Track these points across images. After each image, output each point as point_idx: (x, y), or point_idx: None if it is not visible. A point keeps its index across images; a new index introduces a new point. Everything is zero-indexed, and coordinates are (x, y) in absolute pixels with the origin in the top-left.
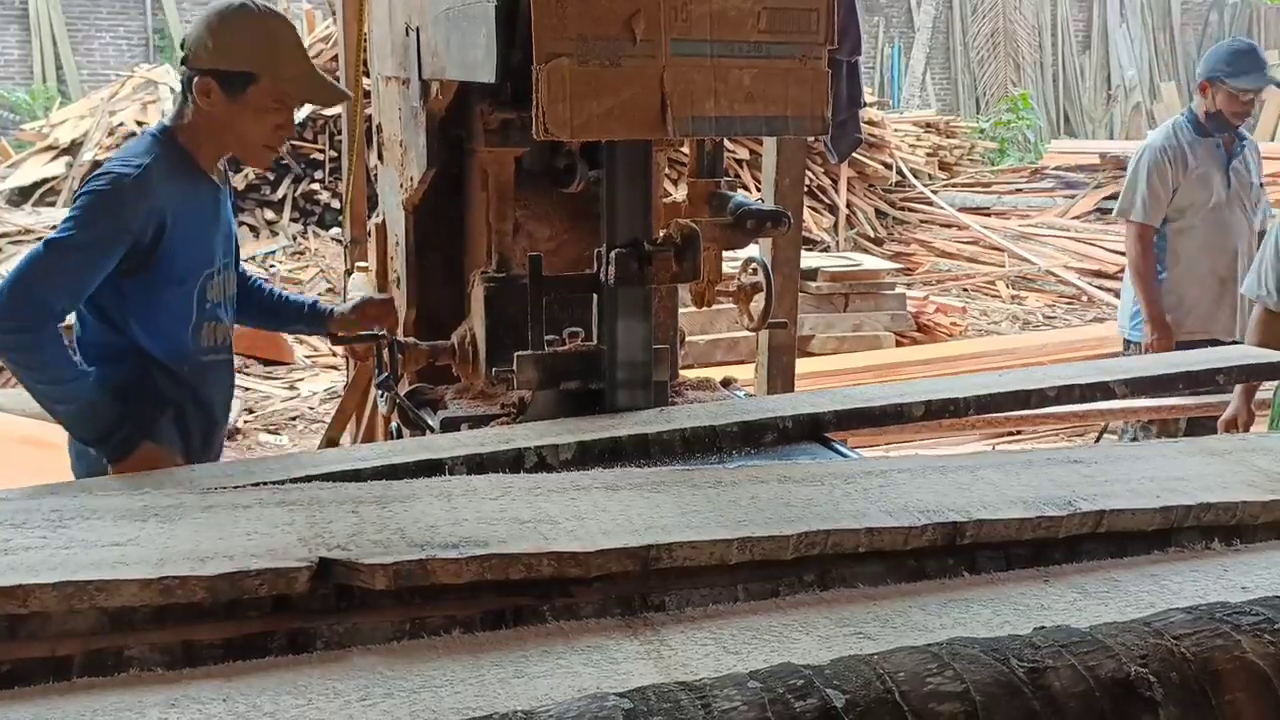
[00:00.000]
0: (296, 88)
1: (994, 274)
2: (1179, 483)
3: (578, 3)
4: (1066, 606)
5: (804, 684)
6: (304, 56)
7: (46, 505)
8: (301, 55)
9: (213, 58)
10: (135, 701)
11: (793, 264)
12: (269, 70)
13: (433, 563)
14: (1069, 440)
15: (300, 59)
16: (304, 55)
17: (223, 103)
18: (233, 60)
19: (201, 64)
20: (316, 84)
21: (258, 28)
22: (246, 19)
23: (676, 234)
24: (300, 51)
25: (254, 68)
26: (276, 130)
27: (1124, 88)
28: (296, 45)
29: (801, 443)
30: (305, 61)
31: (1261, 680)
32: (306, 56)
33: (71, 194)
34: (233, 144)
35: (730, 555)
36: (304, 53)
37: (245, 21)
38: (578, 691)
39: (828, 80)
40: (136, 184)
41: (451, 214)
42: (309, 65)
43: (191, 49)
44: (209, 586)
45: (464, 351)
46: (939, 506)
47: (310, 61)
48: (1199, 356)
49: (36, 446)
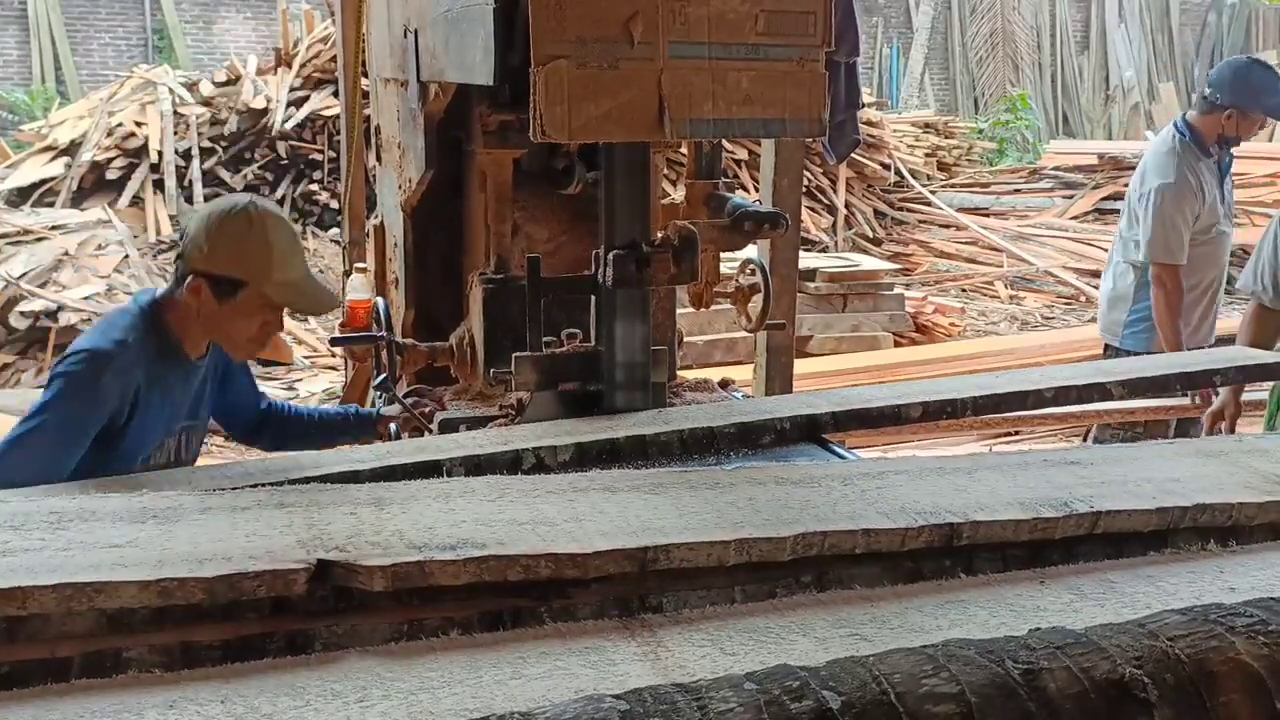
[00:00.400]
0: (286, 295)
1: (992, 274)
2: (1175, 484)
3: (576, 5)
4: (1063, 608)
5: (800, 686)
6: (299, 262)
7: (45, 507)
8: (296, 261)
9: (206, 260)
10: (134, 703)
11: (791, 265)
12: (260, 277)
13: (431, 564)
14: (1066, 441)
15: (294, 265)
16: (299, 260)
17: (212, 302)
18: (224, 266)
19: (194, 264)
20: (307, 291)
21: (254, 233)
22: (244, 223)
23: (674, 235)
24: (295, 257)
25: (245, 275)
26: (263, 328)
27: (1122, 88)
28: (291, 251)
29: (799, 444)
30: (299, 267)
31: (1256, 682)
32: (301, 261)
33: (70, 194)
34: (218, 337)
35: (728, 556)
36: (299, 257)
37: (242, 226)
38: (575, 693)
39: (825, 82)
40: (114, 364)
41: (450, 215)
42: (302, 271)
43: (186, 246)
44: (207, 588)
45: (462, 353)
46: (936, 508)
47: (304, 266)
48: (1196, 358)
49: None
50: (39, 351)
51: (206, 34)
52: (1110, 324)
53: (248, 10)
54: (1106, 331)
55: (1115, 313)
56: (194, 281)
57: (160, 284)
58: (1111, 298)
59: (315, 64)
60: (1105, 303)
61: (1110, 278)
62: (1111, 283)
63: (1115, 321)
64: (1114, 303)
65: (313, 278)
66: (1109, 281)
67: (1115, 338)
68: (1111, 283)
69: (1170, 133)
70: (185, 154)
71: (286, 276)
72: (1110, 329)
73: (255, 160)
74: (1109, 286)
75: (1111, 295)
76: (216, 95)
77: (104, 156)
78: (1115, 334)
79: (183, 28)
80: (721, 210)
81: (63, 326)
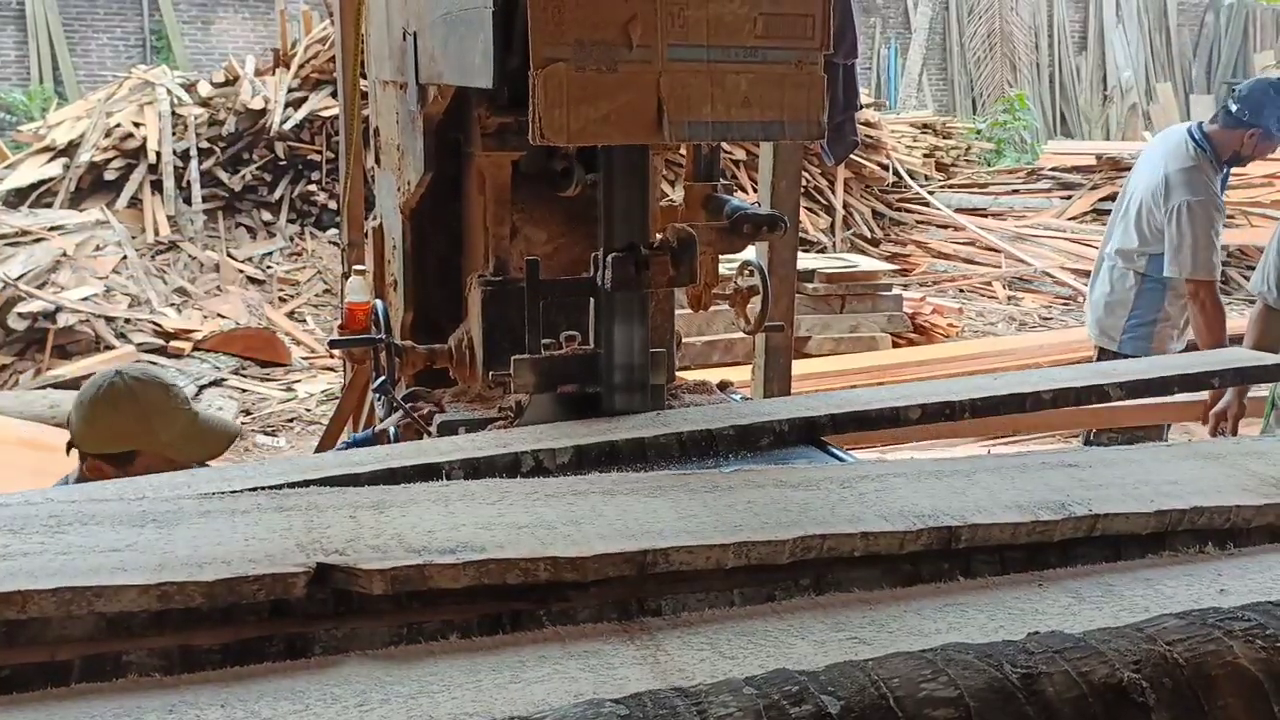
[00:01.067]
0: (178, 451)
1: (990, 275)
2: (1173, 486)
3: (575, 8)
4: (1061, 611)
5: (799, 690)
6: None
7: (45, 510)
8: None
9: (93, 444)
10: (134, 706)
11: (789, 266)
12: (146, 442)
13: (430, 568)
14: (1065, 442)
15: (174, 420)
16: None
17: (117, 472)
18: (111, 444)
19: (86, 449)
20: (198, 437)
21: (125, 407)
22: (114, 399)
23: (673, 238)
24: (173, 412)
25: (132, 445)
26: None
27: (1120, 89)
28: (167, 409)
29: (797, 446)
30: (181, 418)
31: (1254, 685)
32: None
33: (68, 195)
34: None
35: (726, 559)
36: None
37: (113, 402)
38: (574, 696)
39: (824, 85)
40: None
41: (449, 217)
42: (186, 419)
43: (74, 434)
44: (207, 592)
45: (461, 355)
46: (934, 510)
47: (187, 413)
48: (1195, 359)
49: (35, 449)
50: (37, 352)
51: (204, 34)
52: (1108, 328)
53: (246, 11)
54: (1103, 335)
55: (1113, 317)
56: (91, 463)
57: (158, 283)
58: (1109, 302)
59: (314, 65)
60: (1100, 307)
61: (1106, 281)
62: (1108, 286)
63: (1113, 326)
64: (1111, 307)
65: (201, 418)
66: (1104, 285)
67: (1113, 342)
68: (1108, 286)
69: (1187, 142)
70: (183, 155)
71: (172, 434)
72: (1107, 333)
73: (253, 161)
74: (1104, 290)
75: (1109, 299)
76: (215, 96)
77: (102, 157)
78: (1113, 338)
79: (181, 28)
80: (720, 212)
81: (61, 327)
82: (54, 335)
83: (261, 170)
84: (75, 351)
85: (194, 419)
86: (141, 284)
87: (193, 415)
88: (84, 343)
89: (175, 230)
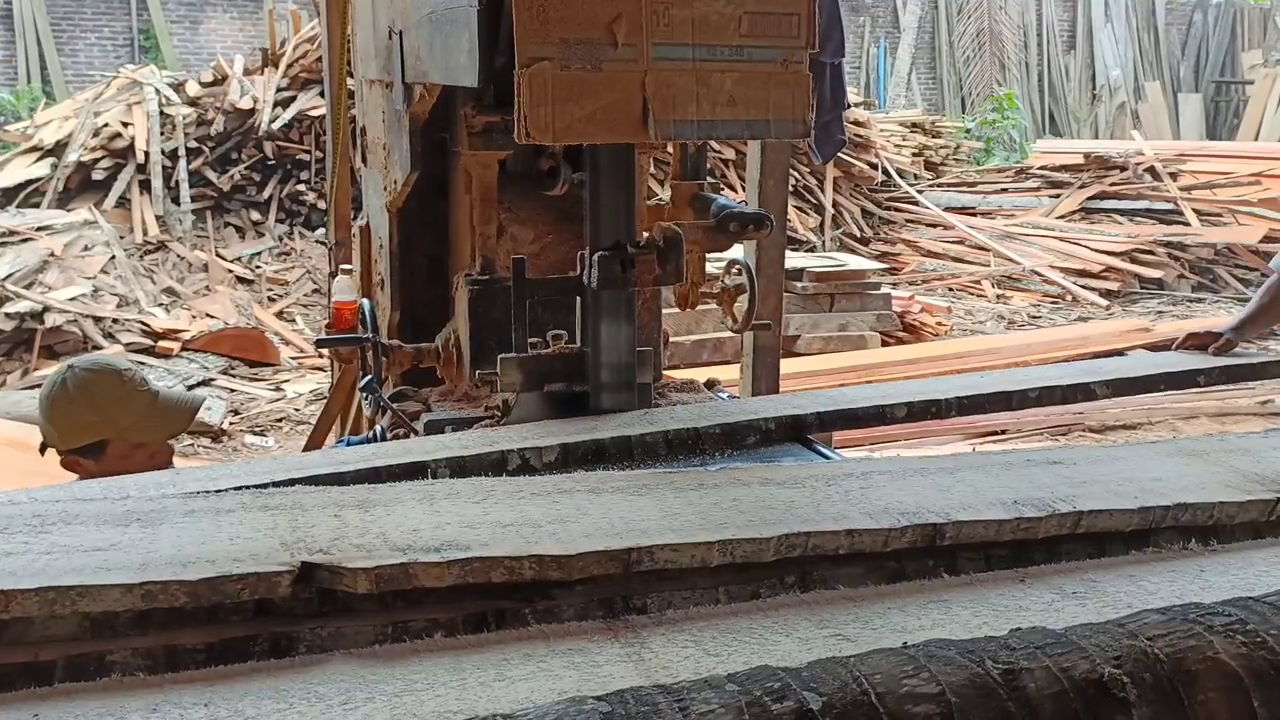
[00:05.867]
0: (145, 433)
1: (979, 273)
2: (1157, 483)
3: (559, 7)
4: (1045, 607)
5: (781, 687)
6: (136, 397)
7: (28, 510)
8: (133, 399)
9: (62, 440)
10: (117, 706)
11: (777, 265)
12: (111, 430)
13: (415, 566)
14: (1052, 439)
15: (133, 403)
16: (135, 395)
17: (93, 465)
18: (78, 438)
19: (56, 447)
20: (160, 415)
21: (81, 398)
22: (68, 394)
23: (659, 236)
24: (131, 397)
25: (99, 435)
26: (153, 459)
27: (1109, 87)
28: (125, 394)
29: (784, 444)
30: (138, 400)
31: (1234, 680)
32: (139, 393)
33: (56, 195)
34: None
35: (711, 557)
36: (136, 393)
37: (69, 397)
38: (559, 694)
39: (809, 84)
40: None
41: (435, 216)
42: (144, 401)
43: (44, 436)
44: (191, 591)
45: (448, 354)
46: (919, 508)
47: (144, 394)
48: (1180, 359)
49: (20, 449)
50: (24, 353)
51: (193, 34)
52: None
53: (234, 10)
54: None
55: None
56: (66, 459)
57: (147, 283)
58: None
59: (302, 64)
60: None
61: None
62: None
63: None
64: None
65: (161, 397)
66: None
67: None
68: None
69: None
70: (172, 154)
71: (132, 418)
72: None
73: (242, 160)
74: None
75: None
76: (203, 95)
77: (90, 157)
78: None
79: (169, 28)
80: (707, 211)
81: (49, 328)
82: (42, 335)
83: (250, 170)
84: (63, 352)
85: (153, 400)
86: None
87: (151, 396)
88: (72, 343)
89: (164, 230)
